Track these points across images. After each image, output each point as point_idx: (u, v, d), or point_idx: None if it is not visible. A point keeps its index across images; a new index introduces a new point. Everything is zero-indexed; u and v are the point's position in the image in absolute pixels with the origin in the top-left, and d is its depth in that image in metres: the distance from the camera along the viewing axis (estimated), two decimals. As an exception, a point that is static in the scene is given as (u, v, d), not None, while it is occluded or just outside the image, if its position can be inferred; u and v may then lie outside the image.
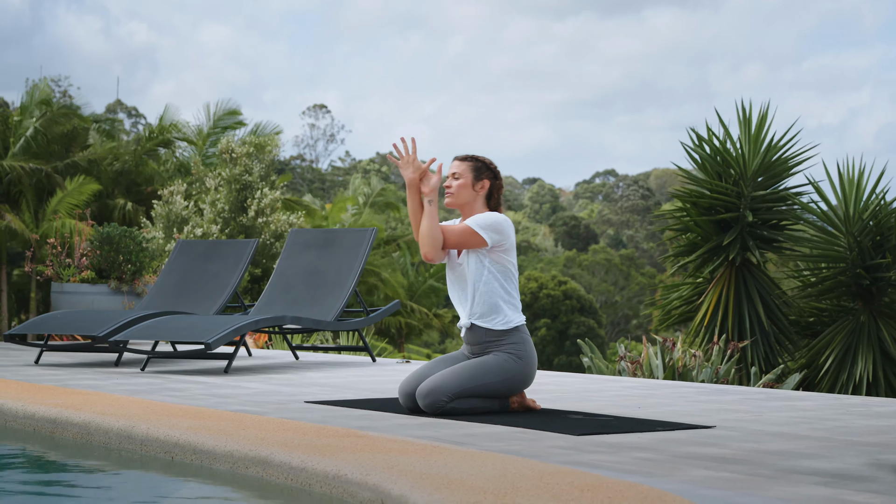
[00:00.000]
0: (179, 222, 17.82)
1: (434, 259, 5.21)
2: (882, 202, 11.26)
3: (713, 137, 11.68)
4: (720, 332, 11.10)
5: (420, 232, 5.23)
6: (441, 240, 5.21)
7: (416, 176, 5.27)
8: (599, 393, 6.55)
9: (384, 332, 27.95)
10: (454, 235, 5.20)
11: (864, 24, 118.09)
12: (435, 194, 5.25)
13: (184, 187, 18.34)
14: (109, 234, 10.49)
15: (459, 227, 5.21)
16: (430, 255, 5.21)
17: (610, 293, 46.40)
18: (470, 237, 5.18)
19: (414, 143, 5.30)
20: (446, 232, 5.21)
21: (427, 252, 5.20)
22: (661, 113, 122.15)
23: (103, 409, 4.91)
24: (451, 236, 5.20)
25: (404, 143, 5.29)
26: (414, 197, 5.29)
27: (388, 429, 4.60)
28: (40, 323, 8.35)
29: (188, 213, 18.02)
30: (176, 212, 17.82)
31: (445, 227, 5.23)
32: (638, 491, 3.04)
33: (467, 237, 5.18)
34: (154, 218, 18.18)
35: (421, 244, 5.24)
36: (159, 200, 18.34)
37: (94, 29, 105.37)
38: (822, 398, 6.47)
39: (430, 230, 5.19)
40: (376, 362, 9.02)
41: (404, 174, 5.28)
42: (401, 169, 5.29)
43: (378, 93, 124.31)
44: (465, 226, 5.20)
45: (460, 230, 5.19)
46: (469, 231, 5.17)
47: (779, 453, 4.06)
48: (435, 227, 5.19)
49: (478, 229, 5.16)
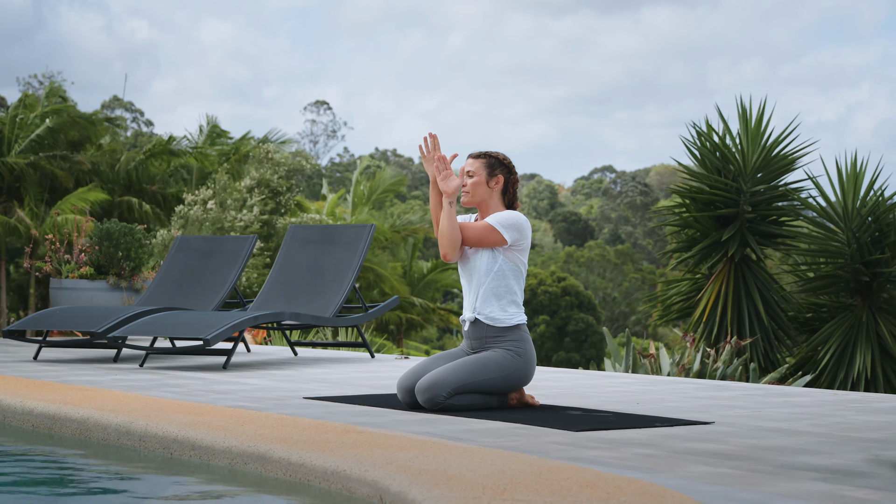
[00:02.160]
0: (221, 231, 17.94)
1: (452, 259, 5.25)
2: (881, 198, 11.26)
3: (713, 133, 11.67)
4: (719, 327, 11.10)
5: (440, 232, 5.25)
6: (460, 240, 5.23)
7: (438, 170, 5.30)
8: (598, 389, 6.55)
9: (383, 327, 27.96)
10: (475, 234, 5.21)
11: (863, 21, 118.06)
12: (454, 196, 5.26)
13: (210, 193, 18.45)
14: (108, 230, 10.48)
15: (479, 225, 5.22)
16: (450, 256, 5.24)
17: (608, 289, 46.42)
18: (490, 235, 5.19)
19: (436, 139, 5.32)
20: (466, 230, 5.23)
21: (446, 252, 5.23)
22: (659, 109, 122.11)
23: (102, 405, 4.91)
24: (472, 235, 5.22)
25: (426, 141, 5.32)
26: (436, 193, 5.31)
27: (387, 425, 4.59)
28: (39, 319, 8.34)
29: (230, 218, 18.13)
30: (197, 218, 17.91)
31: (465, 226, 5.25)
32: (637, 487, 3.03)
33: (487, 235, 5.19)
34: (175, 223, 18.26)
35: (441, 244, 5.26)
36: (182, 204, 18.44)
37: (96, 26, 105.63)
38: (821, 394, 6.47)
39: (450, 230, 5.21)
40: (375, 358, 9.02)
41: (428, 170, 5.33)
42: (425, 165, 5.34)
43: (378, 89, 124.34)
44: (485, 224, 5.21)
45: (480, 228, 5.20)
46: (489, 229, 5.19)
47: (778, 449, 4.06)
48: (455, 229, 5.21)
49: (499, 227, 5.18)
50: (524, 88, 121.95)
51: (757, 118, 11.64)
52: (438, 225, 5.27)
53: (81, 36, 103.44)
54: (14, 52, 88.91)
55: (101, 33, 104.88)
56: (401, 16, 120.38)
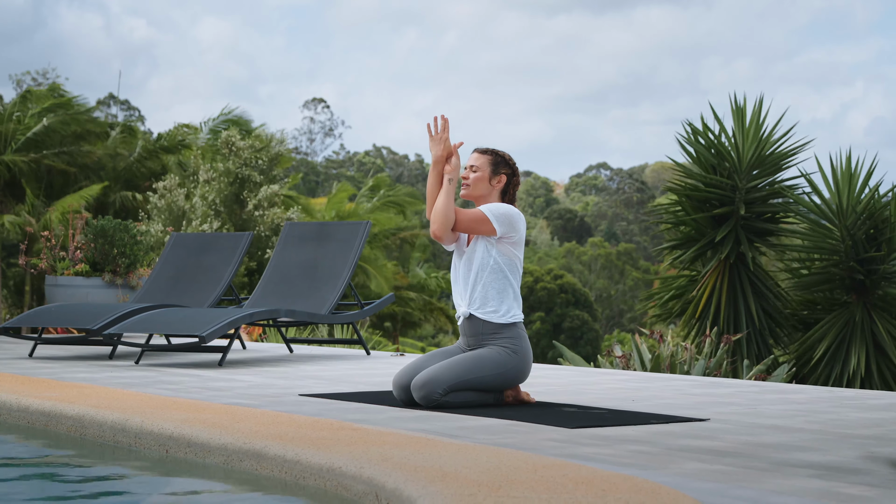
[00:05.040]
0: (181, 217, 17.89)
1: (443, 237, 5.22)
2: (875, 195, 11.27)
3: (708, 131, 11.68)
4: (713, 325, 11.10)
5: (434, 208, 5.24)
6: (453, 220, 5.21)
7: (443, 154, 5.30)
8: (594, 386, 6.55)
9: (379, 324, 27.94)
10: (466, 219, 5.21)
11: (857, 19, 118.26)
12: (456, 173, 5.28)
13: (177, 181, 18.37)
14: (104, 227, 10.46)
15: (472, 211, 5.23)
16: (440, 233, 5.21)
17: (605, 287, 46.42)
18: (480, 223, 5.19)
19: (446, 122, 5.33)
20: (459, 214, 5.22)
21: (437, 229, 5.21)
22: (654, 107, 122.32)
23: (97, 402, 4.91)
24: (463, 219, 5.21)
25: (436, 122, 5.33)
26: (436, 173, 5.32)
27: (383, 422, 4.60)
28: (34, 316, 8.33)
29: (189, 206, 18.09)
30: (178, 205, 17.87)
31: (458, 210, 5.24)
32: (632, 484, 3.04)
33: (478, 222, 5.19)
34: (150, 211, 18.20)
35: (432, 220, 5.25)
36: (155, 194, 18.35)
37: (95, 26, 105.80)
38: (816, 391, 6.48)
39: (444, 207, 5.20)
40: (371, 355, 9.02)
41: (433, 150, 5.32)
42: (430, 144, 5.33)
43: (373, 88, 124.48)
44: (477, 211, 5.21)
45: (472, 214, 5.20)
46: (481, 217, 5.18)
47: (773, 446, 4.07)
48: (449, 206, 5.21)
49: (491, 217, 5.18)
50: (519, 87, 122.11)
51: (752, 116, 11.65)
52: (433, 204, 5.27)
53: (80, 35, 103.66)
54: (12, 51, 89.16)
55: (100, 32, 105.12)
56: (396, 15, 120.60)
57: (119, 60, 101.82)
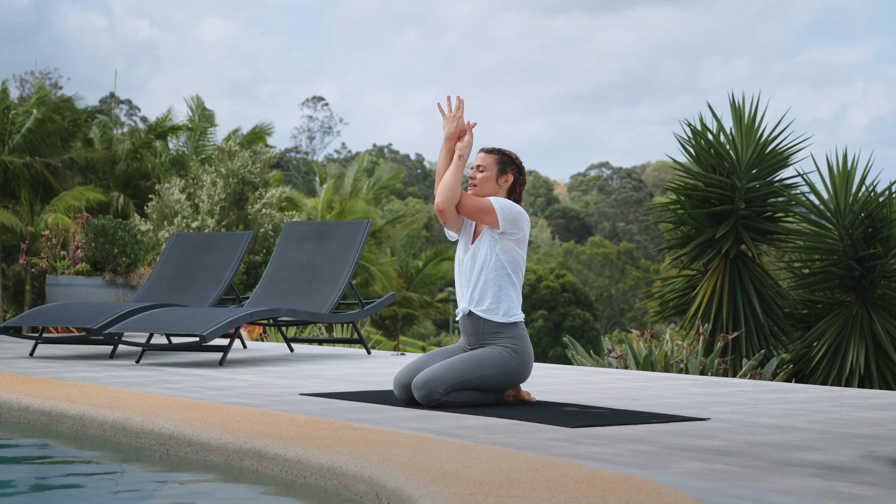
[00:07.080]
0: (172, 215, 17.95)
1: (445, 213, 5.22)
2: (872, 194, 11.27)
3: (707, 130, 11.67)
4: (714, 324, 11.10)
5: (442, 181, 5.26)
6: (457, 197, 5.22)
7: (456, 131, 5.34)
8: (594, 385, 6.55)
9: (379, 323, 27.93)
10: (471, 204, 5.21)
11: (856, 19, 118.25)
12: (468, 150, 5.32)
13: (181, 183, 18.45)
14: (104, 226, 10.46)
15: (479, 199, 5.23)
16: (442, 207, 5.21)
17: (605, 286, 46.41)
18: (485, 213, 5.19)
19: (461, 102, 5.37)
20: (466, 198, 5.23)
21: (440, 202, 5.22)
22: (654, 107, 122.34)
23: (98, 401, 4.91)
24: (469, 204, 5.22)
25: (448, 101, 5.37)
26: (448, 149, 5.35)
27: (384, 421, 4.60)
28: (35, 315, 8.33)
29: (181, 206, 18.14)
30: (169, 205, 17.94)
31: (466, 194, 5.26)
32: (633, 483, 3.04)
33: (483, 211, 5.19)
34: (148, 212, 18.25)
35: (438, 193, 5.25)
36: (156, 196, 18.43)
37: (98, 27, 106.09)
38: (816, 390, 6.48)
39: (451, 181, 5.21)
40: (371, 354, 9.02)
41: (446, 128, 5.36)
42: (444, 122, 5.37)
43: (373, 87, 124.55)
44: (485, 200, 5.22)
45: (479, 202, 5.21)
46: (487, 207, 5.19)
47: (774, 445, 4.07)
48: (457, 182, 5.22)
49: (497, 209, 5.18)
50: (519, 86, 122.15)
51: (750, 115, 11.64)
52: (441, 179, 5.29)
53: (83, 35, 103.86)
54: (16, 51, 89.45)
55: (103, 33, 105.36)
56: (396, 15, 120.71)
57: (122, 60, 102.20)
